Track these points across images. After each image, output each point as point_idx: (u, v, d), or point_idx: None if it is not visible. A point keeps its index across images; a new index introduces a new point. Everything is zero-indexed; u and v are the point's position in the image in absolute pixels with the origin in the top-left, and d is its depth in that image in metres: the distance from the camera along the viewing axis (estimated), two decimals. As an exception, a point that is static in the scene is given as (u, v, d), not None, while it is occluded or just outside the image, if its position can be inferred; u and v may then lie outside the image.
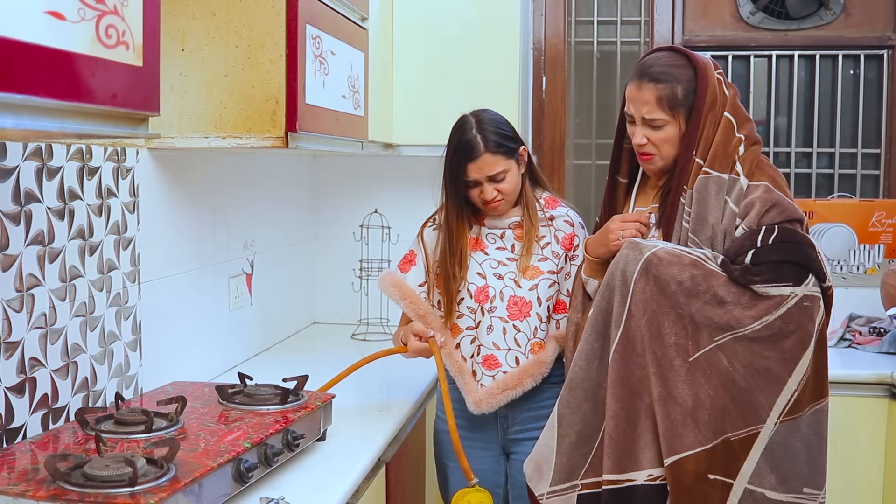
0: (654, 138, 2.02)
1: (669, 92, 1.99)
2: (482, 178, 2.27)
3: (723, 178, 1.95)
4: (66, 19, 1.19)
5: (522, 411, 2.34)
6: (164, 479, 1.50)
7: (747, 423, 1.84)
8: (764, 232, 1.89)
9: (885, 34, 3.60)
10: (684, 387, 1.84)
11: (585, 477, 1.95)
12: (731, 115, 2.00)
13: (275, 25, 2.12)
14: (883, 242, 3.51)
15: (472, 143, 2.26)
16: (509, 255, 2.33)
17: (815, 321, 1.87)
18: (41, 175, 1.85)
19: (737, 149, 1.98)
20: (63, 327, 1.93)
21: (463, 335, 2.34)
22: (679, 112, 1.99)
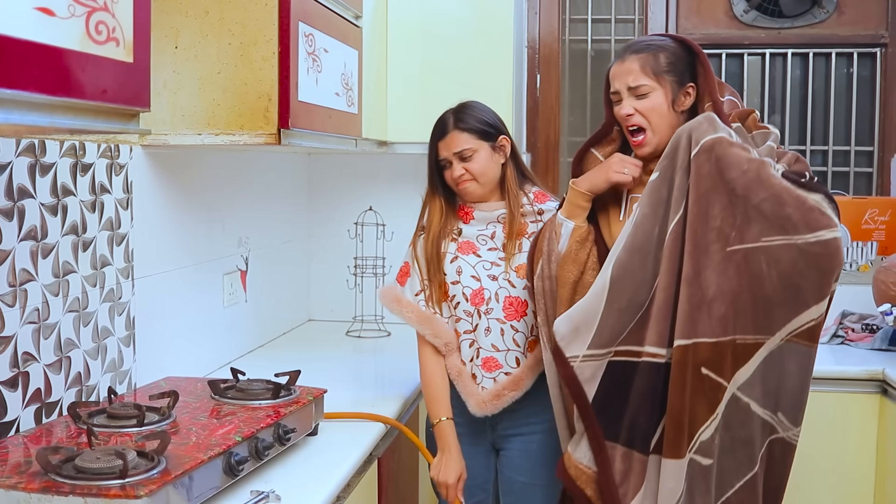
0: (641, 108, 1.99)
1: (652, 59, 1.99)
2: (450, 156, 2.30)
3: (743, 130, 1.96)
4: (56, 15, 1.21)
5: (511, 408, 2.34)
6: (154, 471, 1.51)
7: (757, 331, 1.83)
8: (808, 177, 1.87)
9: (878, 32, 3.62)
10: (712, 274, 1.80)
11: (622, 344, 1.90)
12: (735, 99, 2.05)
13: (267, 23, 2.14)
14: (875, 240, 3.52)
15: (444, 122, 2.34)
16: (501, 255, 2.33)
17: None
18: (34, 171, 1.86)
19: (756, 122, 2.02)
20: (56, 322, 1.94)
21: (461, 339, 2.34)
22: (663, 78, 1.98)
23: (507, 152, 2.35)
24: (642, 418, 1.90)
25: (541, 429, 2.32)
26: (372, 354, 3.18)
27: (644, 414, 1.90)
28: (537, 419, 2.32)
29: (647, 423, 1.89)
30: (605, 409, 1.93)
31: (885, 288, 3.09)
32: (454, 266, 2.34)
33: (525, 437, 2.34)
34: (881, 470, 2.98)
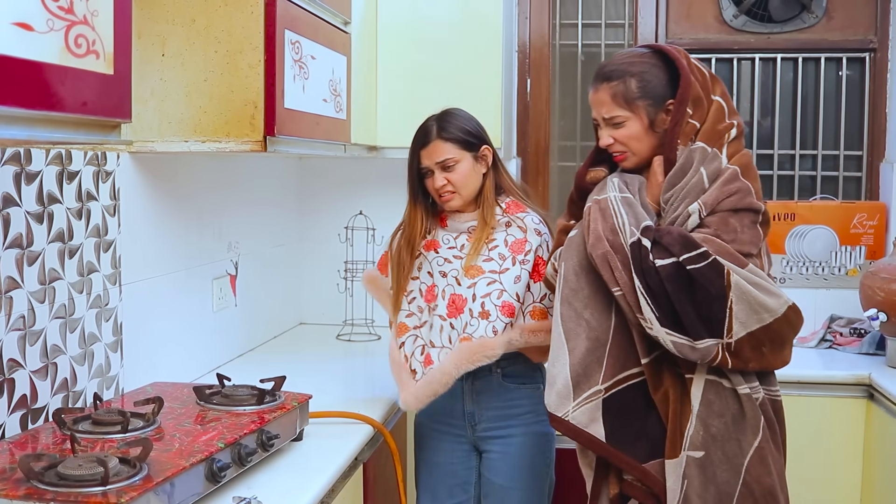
0: (618, 136, 2.02)
1: (623, 87, 1.99)
2: (432, 165, 2.32)
3: (707, 150, 1.96)
4: (35, 30, 1.22)
5: (489, 409, 2.37)
6: (136, 478, 1.53)
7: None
8: (684, 259, 1.87)
9: (867, 37, 3.63)
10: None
11: (607, 380, 1.94)
12: (723, 101, 2.02)
13: (253, 31, 2.15)
14: (864, 244, 3.54)
15: (427, 130, 2.36)
16: (456, 254, 2.34)
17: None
18: (20, 179, 1.88)
19: (728, 132, 2.00)
20: (42, 329, 1.96)
21: (409, 334, 2.36)
22: (637, 105, 1.99)
23: (488, 162, 2.37)
24: (656, 429, 1.95)
25: (520, 432, 2.34)
26: (362, 358, 3.19)
27: (655, 424, 1.95)
28: (517, 422, 2.35)
29: (663, 431, 1.95)
30: (622, 439, 1.95)
31: (872, 293, 3.10)
32: (417, 262, 2.39)
33: (504, 440, 2.37)
34: (868, 474, 2.99)
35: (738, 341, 1.86)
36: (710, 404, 1.91)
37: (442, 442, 2.42)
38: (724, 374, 1.92)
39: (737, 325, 1.85)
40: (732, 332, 1.85)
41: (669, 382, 1.93)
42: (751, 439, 1.92)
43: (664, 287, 1.85)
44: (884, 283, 3.07)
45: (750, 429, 1.92)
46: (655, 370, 1.93)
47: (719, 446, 1.91)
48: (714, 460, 1.90)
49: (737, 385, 1.92)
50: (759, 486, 1.91)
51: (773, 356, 1.92)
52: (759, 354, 1.89)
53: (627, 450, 1.94)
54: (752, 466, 1.91)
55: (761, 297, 1.87)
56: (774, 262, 3.55)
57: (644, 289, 1.86)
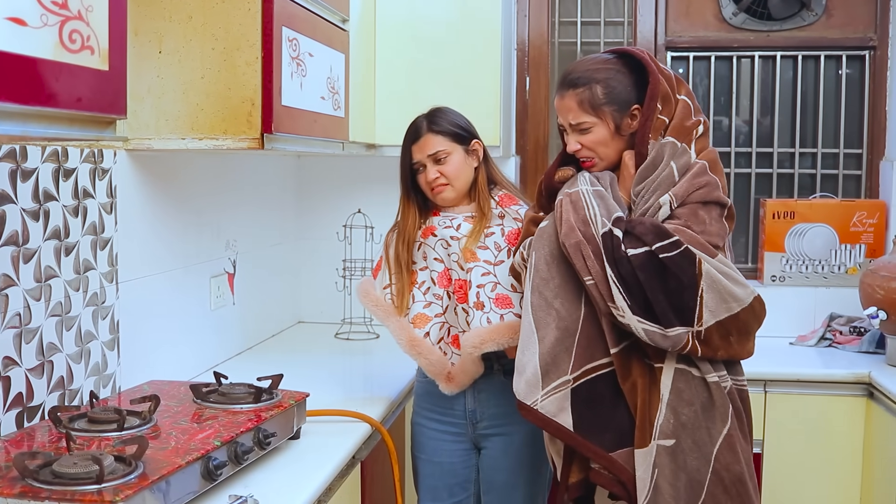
0: (585, 142, 2.06)
1: (589, 94, 2.03)
2: (424, 159, 2.34)
3: (676, 145, 2.01)
4: (28, 25, 1.21)
5: (490, 407, 2.36)
6: (131, 476, 1.52)
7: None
8: (656, 248, 1.90)
9: (867, 35, 3.63)
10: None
11: (576, 369, 1.97)
12: (688, 100, 2.06)
13: (251, 28, 2.14)
14: (864, 242, 3.53)
15: (417, 126, 2.38)
16: (453, 234, 2.33)
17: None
18: (15, 177, 1.87)
19: (695, 128, 2.04)
20: (38, 327, 1.95)
21: (433, 323, 2.34)
22: (602, 111, 2.03)
23: (479, 156, 2.40)
24: (624, 418, 1.97)
25: (522, 429, 2.33)
26: (360, 357, 3.19)
27: (623, 414, 1.97)
28: (518, 418, 2.31)
29: (631, 420, 1.97)
30: (589, 428, 1.97)
31: (872, 291, 3.09)
32: (420, 252, 2.38)
33: (505, 437, 2.36)
34: (867, 472, 2.99)
35: (707, 330, 1.90)
36: (679, 393, 1.94)
37: (441, 442, 2.41)
38: (693, 362, 1.95)
39: (707, 313, 1.89)
40: (703, 320, 1.89)
41: (638, 373, 1.96)
42: (720, 427, 1.95)
43: (636, 276, 1.88)
44: (883, 281, 3.06)
45: (719, 417, 1.95)
46: (624, 360, 1.96)
47: (689, 434, 1.93)
48: (684, 448, 1.93)
49: (706, 374, 1.95)
50: (729, 474, 1.94)
51: (739, 345, 1.96)
52: (726, 343, 1.94)
53: (595, 439, 1.97)
54: (722, 454, 1.94)
55: (731, 287, 1.92)
56: (774, 259, 3.54)
57: (616, 278, 1.89)
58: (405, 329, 2.35)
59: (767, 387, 3.06)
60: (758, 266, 3.64)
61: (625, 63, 2.07)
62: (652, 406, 1.94)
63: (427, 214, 2.41)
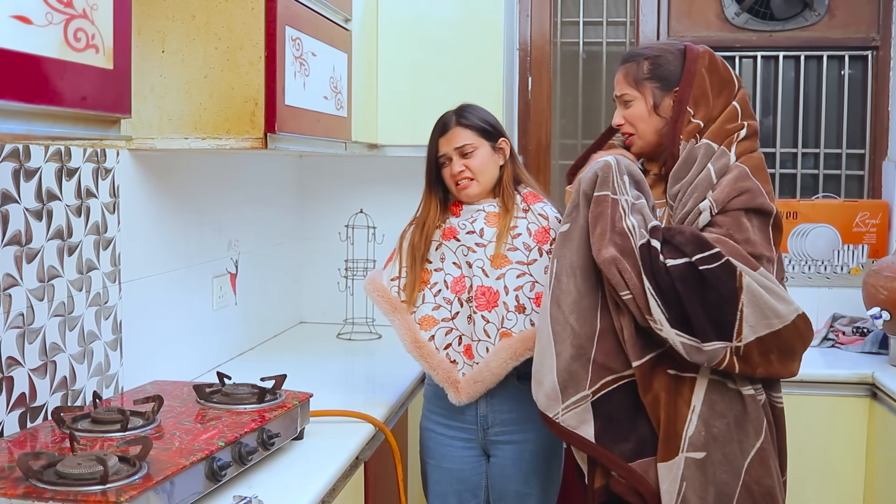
0: (627, 116, 2.09)
1: (635, 68, 2.08)
2: (451, 152, 2.33)
3: (713, 147, 1.98)
4: (34, 23, 1.21)
5: (503, 412, 2.33)
6: (135, 477, 1.51)
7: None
8: (696, 260, 1.87)
9: (870, 35, 3.62)
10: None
11: (594, 383, 1.95)
12: (740, 106, 2.04)
13: (254, 27, 2.14)
14: (866, 243, 3.53)
15: (446, 119, 2.38)
16: (478, 241, 2.31)
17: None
18: (18, 176, 1.86)
19: (737, 132, 2.01)
20: (41, 327, 1.94)
21: (439, 326, 2.31)
22: (644, 86, 2.06)
23: (506, 154, 2.38)
24: (645, 428, 1.96)
25: (534, 437, 2.31)
26: (363, 357, 3.18)
27: (643, 425, 1.95)
28: (531, 426, 2.30)
29: (652, 431, 1.95)
30: (611, 438, 1.96)
31: (875, 291, 3.09)
32: (438, 253, 2.35)
33: (517, 446, 2.33)
34: (871, 473, 2.98)
35: (747, 346, 1.85)
36: (712, 404, 1.91)
37: (451, 448, 2.38)
38: (728, 374, 1.91)
39: (746, 328, 1.84)
40: (742, 335, 1.84)
41: (661, 385, 1.92)
42: (753, 440, 1.92)
43: (675, 287, 1.84)
44: (887, 281, 3.06)
45: (753, 430, 1.92)
46: (646, 373, 1.93)
47: (720, 447, 1.90)
48: (714, 461, 1.90)
49: (741, 386, 1.91)
50: (759, 487, 1.90)
51: (780, 364, 1.90)
52: (766, 361, 1.88)
53: (615, 449, 1.95)
54: (753, 468, 1.91)
55: (772, 302, 1.86)
56: (777, 260, 3.54)
57: (654, 289, 1.85)
58: (411, 329, 2.32)
59: (770, 387, 3.05)
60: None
61: (684, 54, 2.07)
62: (679, 418, 1.90)
63: (446, 209, 2.39)
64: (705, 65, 2.03)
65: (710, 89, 2.01)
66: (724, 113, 2.01)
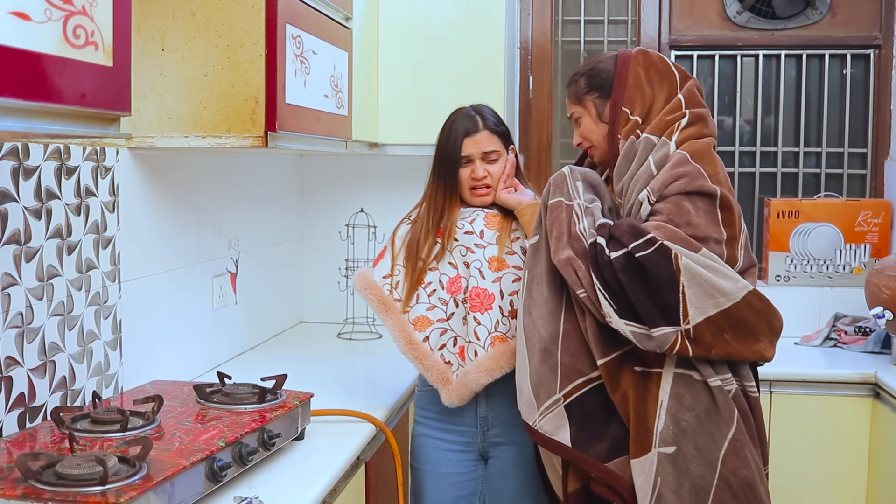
0: (581, 133, 2.17)
1: (574, 88, 2.16)
2: (476, 155, 2.30)
3: (652, 140, 2.00)
4: (32, 20, 1.19)
5: (504, 413, 2.29)
6: (135, 477, 1.50)
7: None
8: (632, 247, 1.87)
9: (872, 34, 3.61)
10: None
11: (564, 387, 1.96)
12: (684, 98, 2.05)
13: (254, 25, 2.13)
14: (869, 242, 3.52)
15: (473, 120, 2.32)
16: (478, 242, 2.28)
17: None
18: (17, 174, 1.85)
19: (678, 121, 2.01)
20: (40, 326, 1.93)
21: (434, 327, 2.27)
22: (585, 101, 2.13)
23: (513, 161, 2.37)
24: (618, 428, 1.96)
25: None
26: (363, 357, 3.17)
27: (618, 424, 1.96)
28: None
29: (625, 429, 1.95)
30: (586, 441, 1.96)
31: (878, 290, 3.08)
32: (435, 252, 2.31)
33: (517, 448, 2.30)
34: (873, 473, 2.97)
35: (696, 327, 1.84)
36: (679, 398, 1.91)
37: (448, 452, 2.35)
38: (693, 366, 1.91)
39: (692, 309, 1.84)
40: (689, 317, 1.84)
41: (628, 382, 1.93)
42: (724, 432, 1.90)
43: (618, 278, 1.86)
44: (889, 280, 3.04)
45: (723, 421, 1.90)
46: (612, 371, 1.93)
47: (691, 440, 1.90)
48: (686, 455, 1.89)
49: (707, 377, 1.91)
50: (736, 479, 1.89)
51: (738, 344, 1.88)
52: (721, 340, 1.86)
53: (590, 451, 1.95)
54: (728, 459, 1.90)
55: (715, 280, 1.85)
56: (779, 259, 3.53)
57: (601, 283, 1.87)
58: (405, 330, 2.28)
59: (772, 387, 3.04)
60: (762, 266, 3.62)
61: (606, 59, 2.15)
62: (649, 414, 1.91)
63: (451, 208, 2.33)
64: (639, 63, 2.07)
65: (648, 85, 2.05)
66: (668, 106, 2.03)
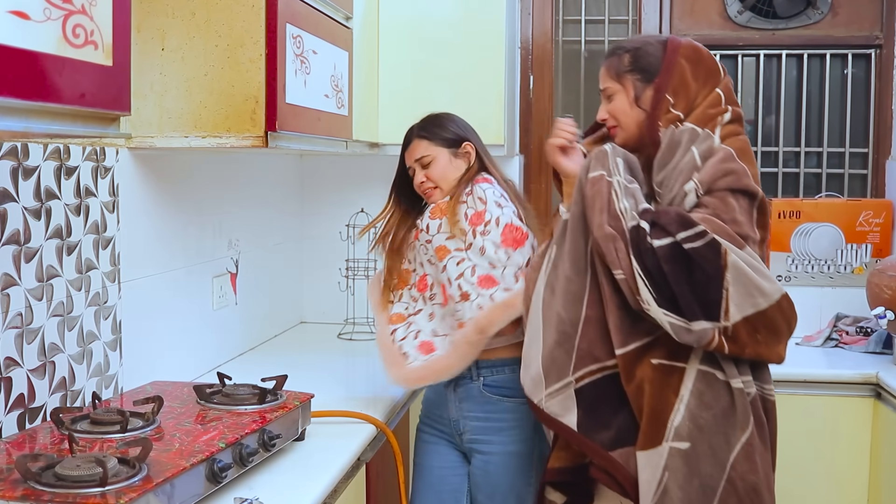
0: (610, 110, 2.09)
1: (616, 61, 2.08)
2: (413, 164, 2.40)
3: (697, 131, 1.97)
4: (31, 19, 1.19)
5: (472, 420, 2.32)
6: (135, 478, 1.49)
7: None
8: (681, 239, 1.86)
9: (873, 33, 3.60)
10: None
11: (578, 370, 1.95)
12: (723, 93, 2.03)
13: (254, 25, 2.12)
14: (870, 242, 3.51)
15: (409, 133, 2.44)
16: (426, 237, 2.31)
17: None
18: (17, 174, 1.84)
19: (721, 116, 2.00)
20: (40, 327, 1.93)
21: (403, 322, 2.36)
22: (625, 78, 2.06)
23: (470, 159, 2.40)
24: (627, 418, 1.95)
25: (499, 450, 2.29)
26: (363, 357, 3.16)
27: (627, 414, 1.95)
28: (497, 438, 2.30)
29: (633, 420, 1.94)
30: (592, 427, 1.95)
31: (879, 291, 3.07)
32: (413, 254, 2.38)
33: (485, 456, 2.32)
34: (875, 473, 2.96)
35: (735, 325, 1.84)
36: (700, 395, 1.90)
37: (437, 445, 2.40)
38: (718, 365, 1.90)
39: (733, 307, 1.83)
40: (729, 314, 1.83)
41: (645, 375, 1.91)
42: (739, 434, 1.90)
43: (661, 267, 1.84)
44: (891, 280, 3.04)
45: (739, 424, 1.90)
46: (630, 362, 1.91)
47: (706, 439, 1.89)
48: (699, 452, 1.88)
49: (730, 378, 1.90)
50: (744, 483, 1.89)
51: (767, 346, 1.89)
52: (755, 341, 1.87)
53: (595, 437, 1.94)
54: (738, 462, 1.89)
55: (758, 280, 1.85)
56: (780, 259, 3.52)
57: (641, 270, 1.85)
58: (381, 325, 2.40)
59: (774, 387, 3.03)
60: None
61: (651, 40, 2.08)
62: (665, 408, 1.89)
63: (413, 214, 2.44)
64: (688, 55, 2.02)
65: (694, 80, 2.01)
66: (707, 100, 2.01)
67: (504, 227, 2.24)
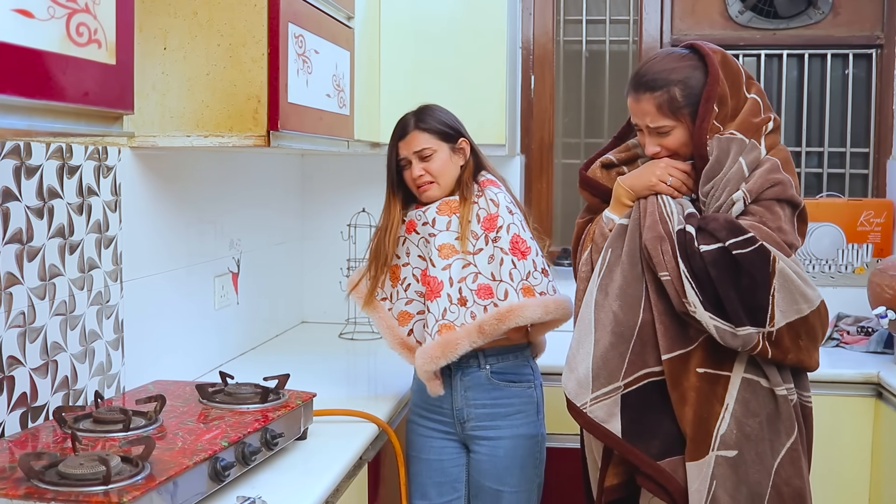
0: (666, 144, 2.03)
1: (667, 97, 1.99)
2: (410, 155, 2.36)
3: (744, 141, 1.97)
4: (35, 17, 1.19)
5: (478, 407, 2.34)
6: (138, 477, 1.50)
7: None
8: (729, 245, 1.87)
9: (874, 33, 3.61)
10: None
11: (628, 375, 1.95)
12: (758, 97, 2.03)
13: (256, 24, 2.12)
14: (871, 242, 3.51)
15: (405, 122, 2.41)
16: (431, 231, 2.32)
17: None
18: (19, 173, 1.85)
19: (765, 125, 2.01)
20: (42, 326, 1.93)
21: (415, 320, 2.37)
22: (682, 113, 2.00)
23: (466, 154, 2.40)
24: (672, 427, 1.95)
25: (509, 434, 2.32)
26: (365, 357, 3.16)
27: (672, 422, 1.95)
28: (505, 423, 2.33)
29: (678, 429, 1.95)
30: (638, 435, 1.95)
31: (881, 290, 3.07)
32: (404, 248, 2.38)
33: (492, 442, 2.34)
34: (876, 473, 2.96)
35: (778, 331, 1.87)
36: (746, 403, 1.91)
37: (432, 439, 2.40)
38: (762, 372, 1.92)
39: (778, 313, 1.86)
40: (774, 320, 1.86)
41: (689, 383, 1.91)
42: (784, 440, 1.91)
43: (708, 272, 1.85)
44: (892, 280, 3.04)
45: (784, 430, 1.92)
46: (675, 369, 1.92)
47: (753, 446, 1.90)
48: (747, 460, 1.90)
49: (774, 386, 1.92)
50: (789, 488, 1.90)
51: (807, 352, 1.92)
52: (797, 347, 1.90)
53: (642, 446, 1.94)
54: (783, 468, 1.91)
55: (802, 287, 1.89)
56: (781, 259, 3.52)
57: (689, 273, 1.86)
58: (392, 328, 2.39)
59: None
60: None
61: (700, 58, 2.02)
62: (711, 416, 1.90)
63: (410, 207, 2.43)
64: (719, 60, 2.01)
65: (729, 87, 2.00)
66: (746, 107, 2.00)
67: (512, 236, 2.27)
